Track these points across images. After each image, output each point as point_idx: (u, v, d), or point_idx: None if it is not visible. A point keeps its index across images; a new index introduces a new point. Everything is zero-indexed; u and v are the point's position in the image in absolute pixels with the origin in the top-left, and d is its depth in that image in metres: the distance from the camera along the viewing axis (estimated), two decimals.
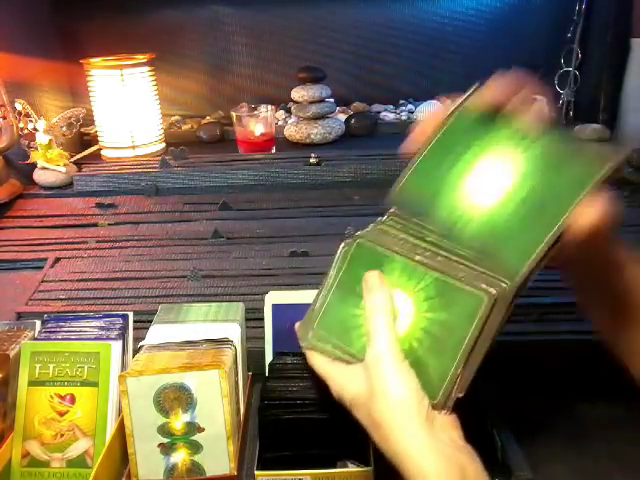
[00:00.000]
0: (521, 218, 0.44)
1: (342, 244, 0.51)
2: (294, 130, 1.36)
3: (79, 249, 0.96)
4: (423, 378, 0.43)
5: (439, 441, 0.41)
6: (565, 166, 0.44)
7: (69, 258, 0.93)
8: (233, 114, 1.28)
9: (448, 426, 0.43)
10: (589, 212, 0.41)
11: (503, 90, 0.48)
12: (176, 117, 1.52)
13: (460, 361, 0.43)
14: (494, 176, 0.46)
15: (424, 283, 0.45)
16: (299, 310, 0.52)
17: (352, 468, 0.56)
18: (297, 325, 0.52)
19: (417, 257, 0.46)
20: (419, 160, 0.50)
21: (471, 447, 0.42)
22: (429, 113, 0.52)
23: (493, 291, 0.42)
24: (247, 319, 0.70)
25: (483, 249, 0.45)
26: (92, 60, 1.27)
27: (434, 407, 0.43)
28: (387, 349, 0.43)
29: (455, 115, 0.50)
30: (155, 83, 1.31)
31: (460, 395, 0.43)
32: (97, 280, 0.87)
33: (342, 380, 0.46)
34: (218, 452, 0.57)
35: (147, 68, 1.28)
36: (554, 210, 0.43)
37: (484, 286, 0.43)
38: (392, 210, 0.51)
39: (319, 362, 0.48)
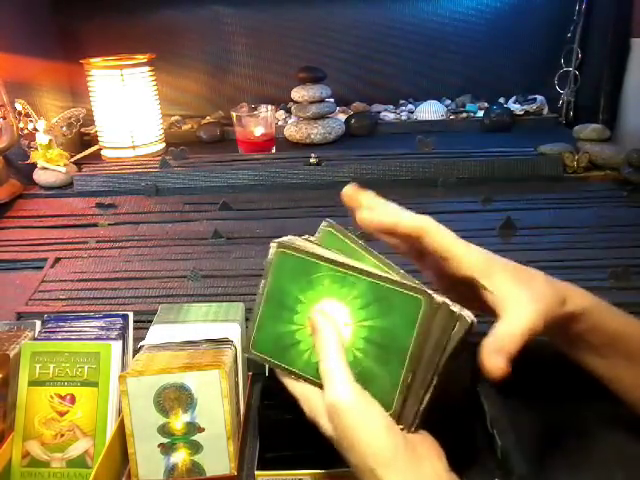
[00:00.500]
0: (374, 354, 0.43)
1: (271, 244, 0.49)
2: (294, 130, 1.36)
3: (79, 249, 0.96)
4: (374, 388, 0.42)
5: (423, 475, 0.39)
6: (388, 311, 0.43)
7: (69, 258, 0.93)
8: (233, 114, 1.28)
9: (433, 457, 0.41)
10: (493, 364, 0.41)
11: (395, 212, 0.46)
12: (176, 117, 1.52)
13: (409, 366, 0.41)
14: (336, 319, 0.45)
15: (358, 290, 0.43)
16: None
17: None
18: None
19: (344, 261, 0.44)
20: (259, 310, 0.48)
21: (456, 476, 0.41)
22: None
23: (432, 293, 0.41)
24: (247, 319, 0.70)
25: (377, 311, 0.43)
26: (92, 60, 1.27)
27: (398, 423, 0.41)
28: (343, 392, 0.41)
29: (279, 254, 0.48)
30: (155, 83, 1.31)
31: (418, 420, 0.42)
32: (97, 280, 0.87)
33: (314, 410, 0.44)
34: (218, 452, 0.57)
35: (147, 68, 1.28)
36: (400, 338, 0.42)
37: (423, 288, 0.41)
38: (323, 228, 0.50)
39: (290, 380, 0.46)
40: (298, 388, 0.45)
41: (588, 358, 0.49)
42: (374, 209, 0.46)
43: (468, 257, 0.43)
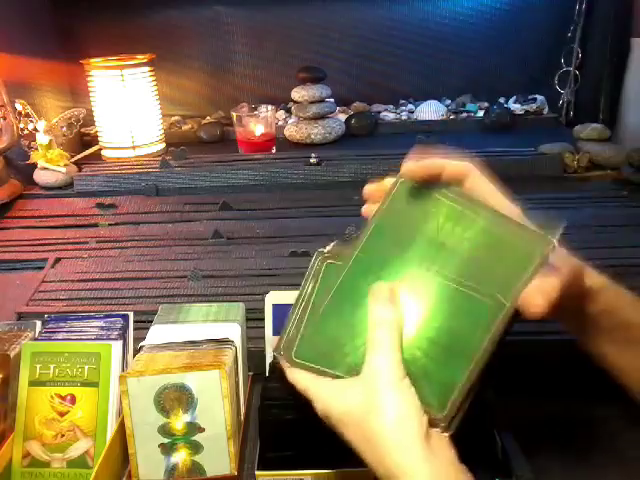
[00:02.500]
0: (436, 357, 0.43)
1: (316, 254, 0.49)
2: (294, 130, 1.36)
3: (80, 249, 0.96)
4: (428, 389, 0.42)
5: (436, 460, 0.40)
6: (482, 287, 0.43)
7: (70, 258, 0.93)
8: (233, 114, 1.28)
9: (444, 446, 0.41)
10: (535, 302, 0.41)
11: (439, 158, 0.48)
12: (176, 117, 1.52)
13: (472, 372, 0.41)
14: (407, 310, 0.44)
15: (436, 294, 0.44)
16: None
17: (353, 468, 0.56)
18: (274, 349, 0.49)
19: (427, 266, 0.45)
20: (322, 309, 0.48)
21: (466, 467, 0.41)
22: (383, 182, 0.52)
23: (509, 300, 0.42)
24: (247, 319, 0.70)
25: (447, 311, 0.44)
26: (92, 60, 1.27)
27: (437, 424, 0.41)
28: (388, 364, 0.41)
29: (392, 193, 0.50)
30: (155, 83, 1.31)
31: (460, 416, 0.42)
32: (98, 280, 0.87)
33: (329, 396, 0.43)
34: (219, 452, 0.57)
35: (147, 68, 1.28)
36: (467, 345, 0.42)
37: (499, 296, 0.42)
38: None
39: (301, 378, 0.46)
40: (312, 387, 0.45)
41: (600, 343, 0.49)
42: (419, 158, 0.48)
43: (502, 210, 0.45)
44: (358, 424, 0.41)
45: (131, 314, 0.66)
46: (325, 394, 0.44)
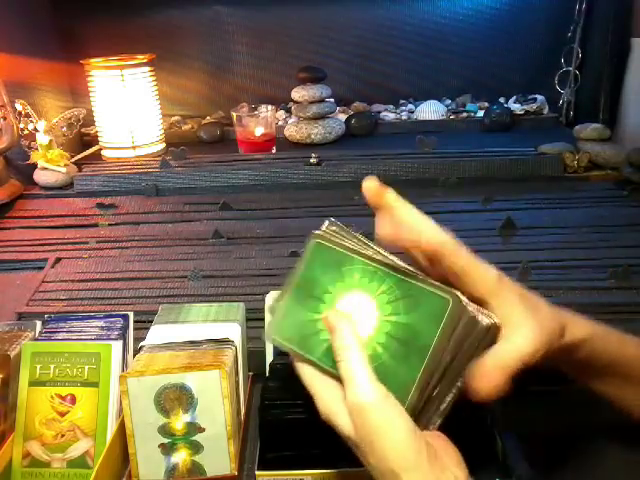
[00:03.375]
0: (392, 357, 0.43)
1: (310, 235, 0.49)
2: (294, 130, 1.36)
3: (80, 249, 0.96)
4: (391, 384, 0.42)
5: (436, 462, 0.39)
6: (414, 308, 0.43)
7: (70, 258, 0.93)
8: (233, 114, 1.28)
9: (452, 464, 0.41)
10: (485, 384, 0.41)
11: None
12: (176, 117, 1.52)
13: (429, 365, 0.41)
14: (359, 313, 0.45)
15: (386, 285, 0.44)
16: None
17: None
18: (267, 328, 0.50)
19: (377, 257, 0.45)
20: (286, 297, 0.48)
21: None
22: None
23: (459, 294, 0.41)
24: (248, 319, 0.70)
25: (403, 306, 0.44)
26: (92, 60, 1.27)
27: (414, 421, 0.41)
28: (367, 392, 0.40)
29: (312, 246, 0.49)
30: (155, 83, 1.31)
31: (438, 420, 0.42)
32: (98, 280, 0.87)
33: (329, 400, 0.43)
34: (219, 452, 0.57)
35: (147, 68, 1.28)
36: (423, 336, 0.42)
37: (451, 289, 0.42)
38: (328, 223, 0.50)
39: (305, 373, 0.46)
40: (316, 385, 0.45)
41: (590, 380, 0.50)
42: (395, 216, 0.46)
43: (483, 279, 0.43)
44: (358, 450, 0.41)
45: (131, 314, 0.66)
46: (326, 396, 0.44)
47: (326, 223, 0.50)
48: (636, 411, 0.50)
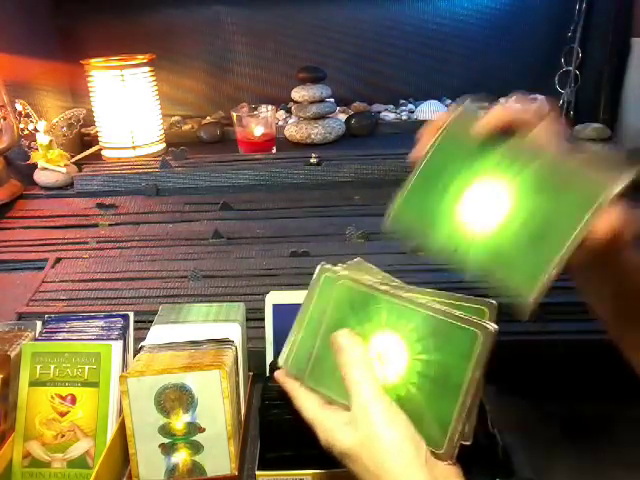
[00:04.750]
0: (525, 242, 0.42)
1: (318, 268, 0.49)
2: (294, 130, 1.36)
3: (80, 249, 0.96)
4: (425, 425, 0.42)
5: None
6: (564, 190, 0.42)
7: (70, 258, 0.93)
8: (233, 114, 1.28)
9: (451, 474, 0.41)
10: (602, 226, 0.40)
11: (504, 118, 0.47)
12: (176, 117, 1.52)
13: (462, 404, 0.41)
14: (489, 201, 0.45)
15: (415, 323, 0.44)
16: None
17: None
18: (277, 373, 0.50)
19: (405, 294, 0.45)
20: (411, 184, 0.49)
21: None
22: (436, 117, 0.51)
23: (489, 327, 0.41)
24: (248, 319, 0.70)
25: (489, 275, 0.43)
26: (92, 60, 1.27)
27: (440, 456, 0.41)
28: (372, 398, 0.42)
29: (443, 134, 0.49)
30: (155, 83, 1.31)
31: (467, 443, 0.42)
32: (98, 280, 0.87)
33: (330, 433, 0.44)
34: (219, 452, 0.57)
35: (147, 68, 1.28)
36: (558, 232, 0.41)
37: (479, 322, 0.42)
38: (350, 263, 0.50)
39: (307, 405, 0.46)
40: (318, 414, 0.46)
41: (617, 306, 0.49)
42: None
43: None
44: (359, 458, 0.42)
45: (131, 314, 0.66)
46: (328, 428, 0.44)
47: (340, 266, 0.50)
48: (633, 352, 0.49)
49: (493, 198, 0.45)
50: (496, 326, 0.42)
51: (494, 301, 0.42)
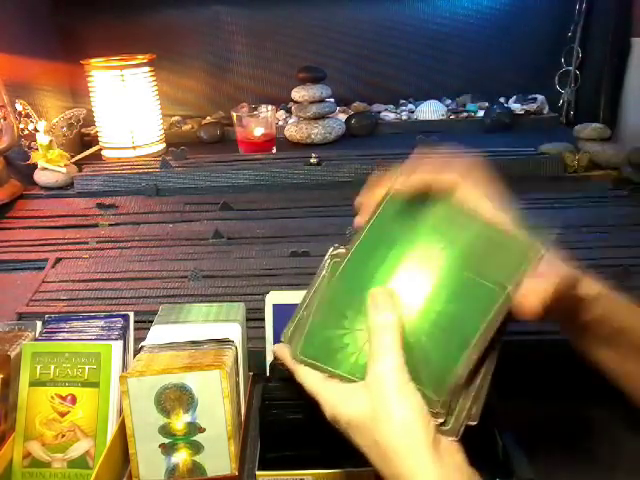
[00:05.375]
0: (437, 338, 0.43)
1: (330, 250, 0.49)
2: (294, 130, 1.36)
3: (80, 249, 0.96)
4: (427, 372, 0.42)
5: (445, 464, 0.40)
6: (482, 272, 0.44)
7: (70, 258, 0.93)
8: (233, 114, 1.28)
9: (452, 450, 0.41)
10: (530, 304, 0.42)
11: (427, 174, 0.48)
12: (176, 117, 1.52)
13: (470, 357, 0.42)
14: (415, 281, 0.45)
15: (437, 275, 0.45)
16: None
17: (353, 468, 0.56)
18: (277, 346, 0.50)
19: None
20: (347, 258, 0.48)
21: (476, 471, 0.41)
22: (371, 185, 0.51)
23: (509, 286, 0.42)
24: (248, 319, 0.70)
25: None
26: (93, 60, 1.27)
27: (445, 432, 0.42)
28: (392, 370, 0.41)
29: (382, 205, 0.49)
30: (155, 83, 1.31)
31: (473, 423, 0.42)
32: (98, 280, 0.87)
33: (337, 400, 0.43)
34: (219, 452, 0.57)
35: (147, 68, 1.28)
36: (467, 327, 0.42)
37: (501, 281, 0.43)
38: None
39: (310, 379, 0.46)
40: (322, 385, 0.45)
41: (597, 350, 0.49)
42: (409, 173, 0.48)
43: (492, 217, 0.46)
44: (365, 430, 0.41)
45: (131, 314, 0.66)
46: (333, 399, 0.44)
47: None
48: (633, 388, 0.50)
49: (419, 279, 0.45)
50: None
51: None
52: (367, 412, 0.41)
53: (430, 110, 1.45)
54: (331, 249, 0.50)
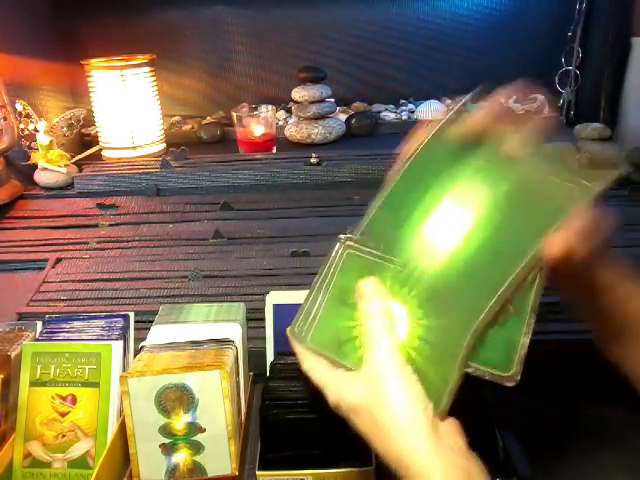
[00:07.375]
0: (471, 276, 0.44)
1: (337, 245, 0.49)
2: (295, 130, 1.36)
3: (80, 250, 0.96)
4: (425, 387, 0.42)
5: (445, 446, 0.40)
6: (530, 209, 0.44)
7: (70, 259, 0.93)
8: (234, 114, 1.28)
9: (453, 433, 0.42)
10: (559, 242, 0.42)
11: (486, 120, 0.49)
12: (177, 117, 1.52)
13: (460, 367, 0.42)
14: (454, 219, 0.45)
15: (417, 290, 0.45)
16: None
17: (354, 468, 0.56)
18: (289, 330, 0.50)
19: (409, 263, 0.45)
20: (387, 193, 0.48)
21: (476, 454, 0.41)
22: (433, 116, 0.52)
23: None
24: (248, 319, 0.70)
25: (434, 309, 0.44)
26: (93, 61, 1.27)
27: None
28: (387, 355, 0.42)
29: (427, 142, 0.49)
30: (156, 83, 1.31)
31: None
32: (98, 281, 0.87)
33: (340, 388, 0.44)
34: (219, 452, 0.57)
35: (148, 68, 1.28)
36: (506, 264, 0.43)
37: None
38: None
39: (315, 368, 0.46)
40: (326, 374, 0.45)
41: (609, 334, 0.50)
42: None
43: None
44: (366, 414, 0.42)
45: (132, 314, 0.66)
46: (336, 386, 0.44)
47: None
48: None
49: (459, 217, 0.46)
50: None
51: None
52: (367, 397, 0.42)
53: (430, 110, 1.45)
54: (341, 236, 0.49)
